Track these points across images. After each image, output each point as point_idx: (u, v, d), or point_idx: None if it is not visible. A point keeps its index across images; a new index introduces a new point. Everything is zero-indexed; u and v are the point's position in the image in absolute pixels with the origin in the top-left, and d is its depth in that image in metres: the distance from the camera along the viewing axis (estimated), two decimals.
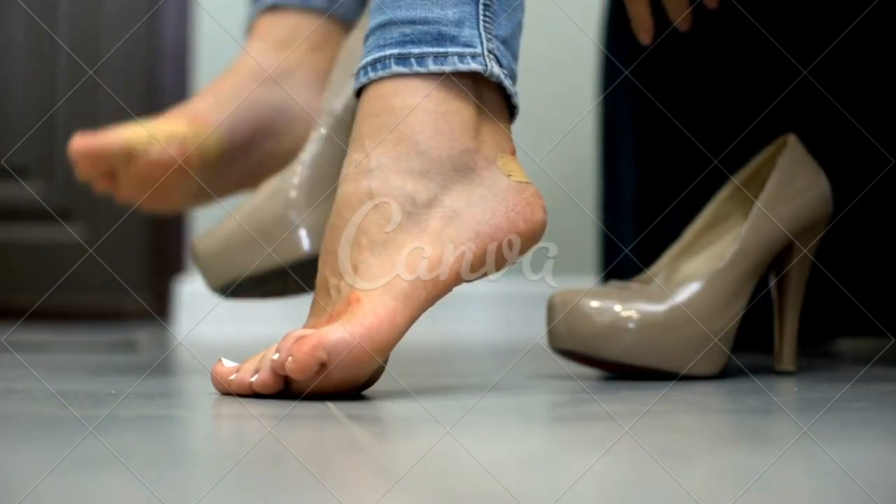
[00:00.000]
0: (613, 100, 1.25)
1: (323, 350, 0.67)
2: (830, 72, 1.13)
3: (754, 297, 0.89)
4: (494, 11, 0.75)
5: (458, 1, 0.74)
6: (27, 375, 0.85)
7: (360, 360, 0.69)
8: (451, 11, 0.73)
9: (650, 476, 0.49)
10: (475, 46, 0.73)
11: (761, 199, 0.89)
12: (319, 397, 0.71)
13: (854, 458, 0.53)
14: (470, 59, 0.73)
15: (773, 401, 0.75)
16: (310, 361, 0.68)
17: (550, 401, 0.75)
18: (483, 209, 0.74)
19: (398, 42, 0.74)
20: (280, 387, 0.70)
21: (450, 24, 0.73)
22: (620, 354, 0.84)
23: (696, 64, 1.20)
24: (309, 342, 0.68)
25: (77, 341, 1.23)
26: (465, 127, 0.74)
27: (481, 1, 0.74)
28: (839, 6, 1.14)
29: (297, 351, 0.68)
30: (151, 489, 0.43)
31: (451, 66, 0.73)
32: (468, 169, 0.74)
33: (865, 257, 1.18)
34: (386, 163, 0.73)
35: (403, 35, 0.74)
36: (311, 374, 0.68)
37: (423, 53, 0.73)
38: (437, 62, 0.73)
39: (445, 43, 0.73)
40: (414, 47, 0.73)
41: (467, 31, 0.74)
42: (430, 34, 0.73)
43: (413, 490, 0.44)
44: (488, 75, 0.74)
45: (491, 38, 0.74)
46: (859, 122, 1.11)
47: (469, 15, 0.74)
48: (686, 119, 1.16)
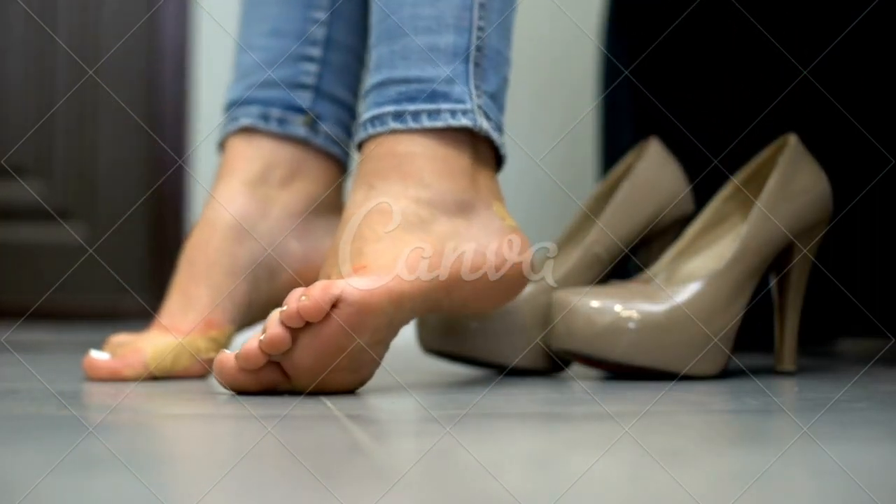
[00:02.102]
0: (613, 99, 1.25)
1: (336, 287, 0.70)
2: (830, 72, 1.13)
3: (755, 298, 0.89)
4: (483, 69, 0.81)
5: (449, 59, 0.79)
6: (27, 375, 0.85)
7: (367, 304, 0.71)
8: (443, 70, 0.79)
9: (650, 476, 0.49)
10: (465, 102, 0.79)
11: (761, 199, 0.89)
12: (318, 394, 0.71)
13: (854, 459, 0.53)
14: (461, 115, 0.79)
15: (773, 401, 0.75)
16: (324, 297, 0.70)
17: (550, 401, 0.75)
18: (479, 240, 0.79)
19: (394, 100, 0.79)
20: (288, 343, 0.71)
21: (442, 82, 0.79)
22: (620, 354, 0.84)
23: (695, 64, 1.20)
24: (319, 285, 0.70)
25: (77, 341, 1.23)
26: (464, 172, 0.79)
27: (472, 59, 0.80)
28: (839, 6, 1.14)
29: (309, 293, 0.70)
30: (151, 489, 0.43)
31: (444, 121, 0.78)
32: (469, 208, 0.80)
33: (865, 257, 1.18)
34: (392, 191, 0.77)
35: (399, 93, 0.79)
36: (324, 312, 0.70)
37: (418, 111, 0.79)
38: (431, 118, 0.79)
39: (438, 100, 0.79)
40: (409, 105, 0.79)
41: (458, 88, 0.79)
42: (424, 92, 0.79)
43: (413, 490, 0.44)
44: (477, 129, 0.79)
45: (480, 94, 0.80)
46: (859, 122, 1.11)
47: (460, 73, 0.79)
48: (686, 119, 1.16)
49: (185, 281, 0.88)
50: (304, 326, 0.71)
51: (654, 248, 0.97)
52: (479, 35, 0.80)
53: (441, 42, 0.79)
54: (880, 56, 1.16)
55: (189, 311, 0.87)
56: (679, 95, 1.19)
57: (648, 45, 1.20)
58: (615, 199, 0.94)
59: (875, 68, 1.16)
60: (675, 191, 0.96)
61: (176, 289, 0.89)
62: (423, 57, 0.79)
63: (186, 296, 0.88)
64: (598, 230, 0.93)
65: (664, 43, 1.18)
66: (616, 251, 0.94)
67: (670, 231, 0.97)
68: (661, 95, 1.17)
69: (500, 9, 0.81)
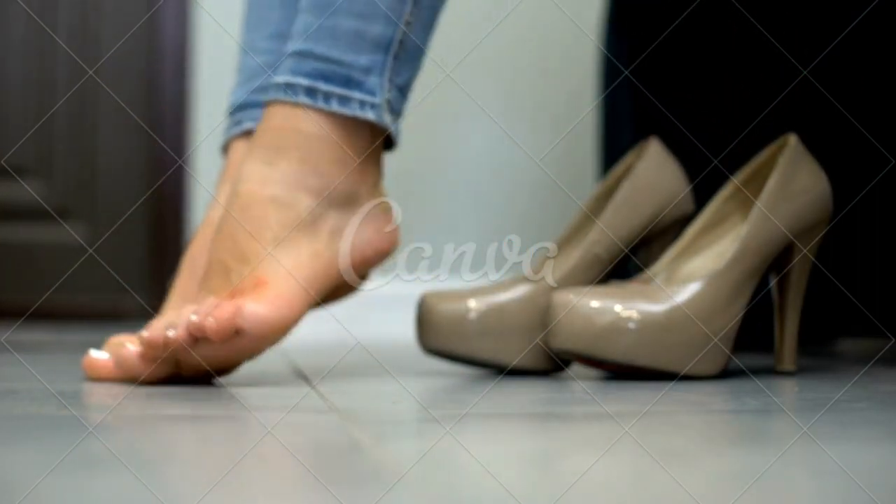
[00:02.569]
0: (613, 100, 1.25)
1: (241, 317, 0.77)
2: (830, 72, 1.13)
3: (755, 298, 0.89)
4: (401, 61, 0.84)
5: (372, 49, 0.83)
6: (27, 375, 0.85)
7: (267, 334, 0.78)
8: (364, 58, 0.83)
9: (650, 476, 0.49)
10: (375, 96, 0.83)
11: (761, 199, 0.89)
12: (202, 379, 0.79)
13: (854, 459, 0.53)
14: (368, 108, 0.83)
15: (773, 401, 0.75)
16: (229, 325, 0.76)
17: (550, 401, 0.75)
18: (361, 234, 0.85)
19: (311, 74, 0.83)
20: (191, 345, 0.77)
21: (360, 70, 0.83)
22: (620, 354, 0.84)
23: (695, 64, 1.20)
24: (228, 308, 0.77)
25: (77, 341, 1.23)
26: (356, 162, 0.84)
27: (391, 52, 0.83)
28: (839, 6, 1.14)
29: (218, 315, 0.76)
30: (151, 489, 0.43)
31: (351, 111, 0.83)
32: (354, 196, 0.85)
33: (865, 257, 1.18)
34: (290, 176, 0.82)
35: (317, 70, 0.83)
36: (226, 337, 0.77)
37: (330, 92, 0.83)
38: (341, 104, 0.83)
39: (352, 87, 0.83)
40: (323, 84, 0.82)
41: (373, 79, 0.83)
42: (340, 75, 0.82)
43: (413, 490, 0.44)
44: (379, 125, 0.84)
45: (391, 88, 0.84)
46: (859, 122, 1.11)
47: (378, 64, 0.83)
48: (686, 119, 1.16)
49: (186, 282, 0.89)
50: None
51: (655, 248, 0.97)
52: (405, 29, 0.83)
53: (369, 30, 0.82)
54: (880, 56, 1.16)
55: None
56: (679, 95, 1.19)
57: (648, 45, 1.20)
58: (615, 200, 0.94)
59: (875, 68, 1.16)
60: (675, 191, 0.96)
61: (176, 289, 0.89)
62: (349, 41, 0.82)
63: (186, 297, 0.88)
64: (599, 230, 0.93)
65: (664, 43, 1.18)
66: (616, 251, 0.94)
67: (670, 231, 0.97)
68: (661, 95, 1.17)
69: (431, 5, 0.85)
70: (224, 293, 0.80)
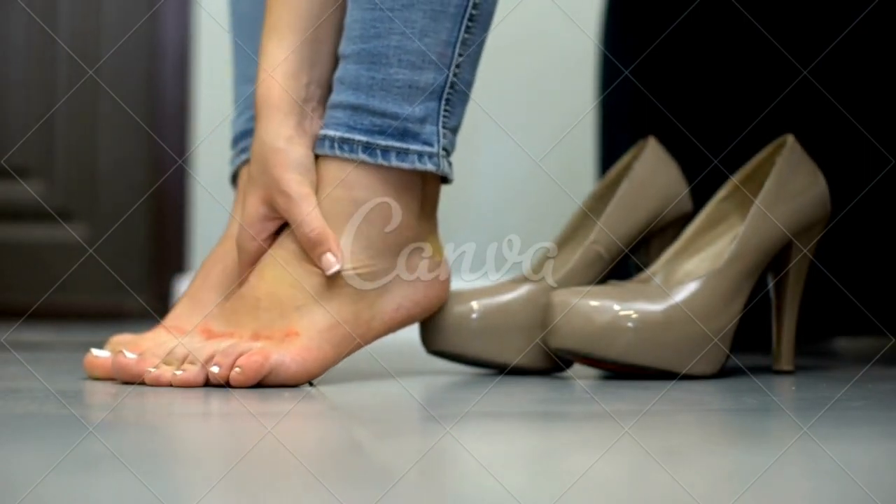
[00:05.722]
0: (613, 100, 1.26)
1: (269, 368, 0.77)
2: (830, 72, 1.13)
3: (753, 297, 0.89)
4: (453, 104, 0.83)
5: (426, 98, 0.82)
6: (27, 375, 0.85)
7: (290, 381, 0.78)
8: (419, 109, 0.82)
9: (650, 476, 0.49)
10: (433, 145, 0.83)
11: (759, 198, 0.89)
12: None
13: (853, 458, 0.53)
14: (427, 159, 0.82)
15: (772, 400, 0.75)
16: (256, 375, 0.76)
17: (550, 400, 0.75)
18: (406, 287, 0.85)
19: (367, 130, 0.82)
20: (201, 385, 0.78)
21: (415, 121, 0.82)
22: (619, 354, 0.85)
23: (695, 64, 1.20)
24: (257, 358, 0.77)
25: (77, 341, 1.23)
26: (410, 220, 0.84)
27: (444, 97, 0.83)
28: (839, 6, 1.14)
29: (247, 363, 0.76)
30: (151, 489, 0.44)
31: (411, 164, 0.82)
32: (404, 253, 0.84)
33: (864, 257, 1.18)
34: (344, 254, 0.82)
35: (374, 125, 0.82)
36: (251, 384, 0.77)
37: (388, 147, 0.82)
38: (399, 158, 0.82)
39: (408, 139, 0.82)
40: (381, 139, 0.82)
41: (428, 128, 0.82)
42: (397, 129, 0.82)
43: (413, 490, 0.44)
44: (438, 172, 0.83)
45: (446, 133, 0.83)
46: (859, 122, 1.11)
47: (432, 112, 0.82)
48: (686, 119, 1.16)
49: (197, 288, 0.89)
50: None
51: (654, 247, 0.97)
52: (455, 72, 0.83)
53: (421, 80, 0.82)
54: (880, 56, 1.16)
55: (195, 314, 0.87)
56: (679, 95, 1.19)
57: (648, 44, 1.20)
58: (614, 199, 0.95)
59: (875, 68, 1.16)
60: (673, 190, 0.96)
61: (186, 294, 0.89)
62: (402, 93, 0.82)
63: (196, 300, 0.88)
64: (598, 230, 0.94)
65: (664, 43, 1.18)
66: (616, 251, 0.94)
67: (669, 231, 0.97)
68: (660, 95, 1.17)
69: (478, 42, 0.84)
70: (248, 330, 0.80)
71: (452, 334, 0.91)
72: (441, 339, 0.91)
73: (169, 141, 1.74)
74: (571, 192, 1.50)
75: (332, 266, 0.80)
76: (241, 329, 0.80)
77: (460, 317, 0.91)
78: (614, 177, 0.99)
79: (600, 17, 1.30)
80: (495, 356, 0.91)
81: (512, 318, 0.91)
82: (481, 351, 0.91)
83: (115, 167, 1.79)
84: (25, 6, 1.78)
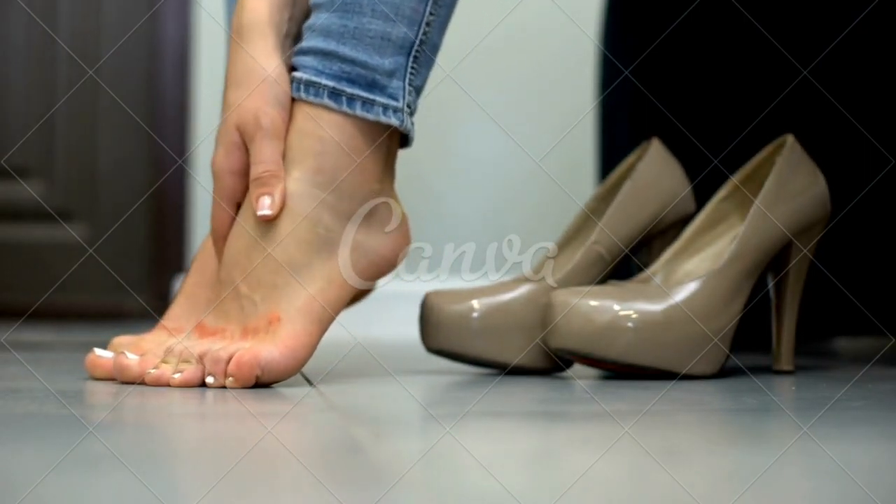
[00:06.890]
0: (613, 100, 1.26)
1: (259, 368, 0.77)
2: (830, 72, 1.13)
3: (753, 297, 0.89)
4: (420, 62, 0.84)
5: (395, 52, 0.82)
6: (27, 375, 0.85)
7: (283, 375, 0.79)
8: (388, 61, 0.82)
9: (650, 476, 0.49)
10: (398, 100, 0.83)
11: (759, 198, 0.89)
12: None
13: (853, 458, 0.53)
14: (391, 113, 0.82)
15: (772, 400, 0.75)
16: (250, 380, 0.77)
17: (550, 400, 0.75)
18: (376, 242, 0.85)
19: (335, 76, 0.82)
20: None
21: (384, 73, 0.82)
22: (619, 354, 0.85)
23: (695, 64, 1.21)
24: (247, 362, 0.77)
25: (77, 341, 1.23)
26: (376, 170, 0.84)
27: (413, 52, 0.83)
28: (839, 6, 1.14)
29: (238, 372, 0.77)
30: (151, 489, 0.44)
31: (375, 115, 0.82)
32: (371, 212, 0.84)
33: (864, 257, 1.18)
34: (306, 190, 0.81)
35: (342, 71, 0.82)
36: (247, 386, 0.78)
37: (354, 96, 0.82)
38: (364, 108, 0.82)
39: (375, 91, 0.82)
40: (348, 86, 0.82)
41: (395, 82, 0.83)
42: (364, 78, 0.82)
43: (413, 490, 0.44)
44: (401, 128, 0.83)
45: (411, 91, 0.84)
46: (859, 122, 1.11)
47: (400, 67, 0.83)
48: (686, 119, 1.16)
49: (193, 285, 0.89)
50: None
51: (655, 247, 0.97)
52: (425, 30, 0.83)
53: (393, 33, 0.82)
54: (880, 56, 1.16)
55: (193, 313, 0.87)
56: (679, 95, 1.19)
57: (648, 44, 1.20)
58: (616, 199, 0.95)
59: (875, 68, 1.16)
60: (676, 191, 0.96)
61: (184, 290, 0.89)
62: (374, 44, 0.82)
63: (192, 298, 0.88)
64: (600, 230, 0.94)
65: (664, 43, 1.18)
66: (617, 251, 0.94)
67: (671, 231, 0.97)
68: (661, 95, 1.18)
69: (449, 3, 0.84)
70: (235, 324, 0.80)
71: (452, 334, 0.91)
72: (441, 338, 0.91)
73: (169, 141, 1.74)
74: (571, 192, 1.50)
75: (264, 209, 0.80)
76: (230, 324, 0.81)
77: (460, 316, 0.91)
78: (617, 177, 0.99)
79: (600, 16, 1.30)
80: (495, 356, 0.91)
81: (512, 318, 0.91)
82: (481, 350, 0.91)
83: (115, 167, 1.79)
84: (25, 6, 1.78)
